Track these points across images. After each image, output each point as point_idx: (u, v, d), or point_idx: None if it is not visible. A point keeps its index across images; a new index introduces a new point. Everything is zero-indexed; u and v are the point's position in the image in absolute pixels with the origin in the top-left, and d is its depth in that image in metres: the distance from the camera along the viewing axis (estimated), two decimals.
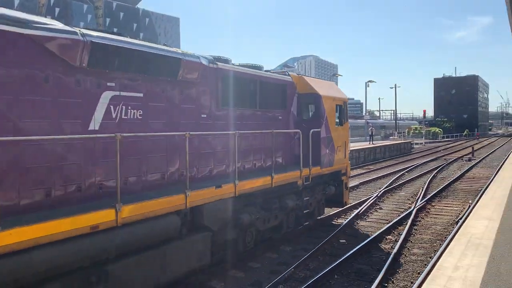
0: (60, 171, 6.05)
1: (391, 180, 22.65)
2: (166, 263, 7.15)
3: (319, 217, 13.52)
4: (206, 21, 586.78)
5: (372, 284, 8.66)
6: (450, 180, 22.58)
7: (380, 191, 19.42)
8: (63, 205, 5.95)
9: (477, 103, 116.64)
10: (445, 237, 12.32)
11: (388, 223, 14.08)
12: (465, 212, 14.46)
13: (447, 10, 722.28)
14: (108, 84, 6.82)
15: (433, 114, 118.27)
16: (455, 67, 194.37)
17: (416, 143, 57.14)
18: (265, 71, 11.35)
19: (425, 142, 63.40)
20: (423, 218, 14.94)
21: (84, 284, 5.84)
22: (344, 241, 12.24)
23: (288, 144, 11.74)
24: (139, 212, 6.43)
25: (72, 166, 6.22)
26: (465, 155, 39.64)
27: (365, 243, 11.61)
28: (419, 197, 18.04)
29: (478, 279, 5.73)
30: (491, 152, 44.97)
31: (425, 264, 10.05)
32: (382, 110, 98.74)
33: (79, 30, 6.34)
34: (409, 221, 13.94)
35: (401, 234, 12.51)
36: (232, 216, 8.91)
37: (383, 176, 24.25)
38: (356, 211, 15.59)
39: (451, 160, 34.91)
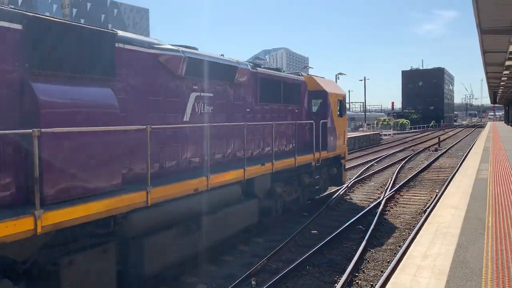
0: (167, 150, 8.33)
1: (360, 171, 22.92)
2: (234, 218, 9.75)
3: (323, 194, 15.87)
4: (176, 12, 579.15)
5: (343, 274, 8.75)
6: (418, 170, 23.02)
7: (350, 182, 19.62)
8: (171, 175, 8.23)
9: (443, 95, 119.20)
10: (414, 226, 12.55)
11: (358, 213, 14.26)
12: (432, 202, 14.79)
13: (416, 4, 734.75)
14: (194, 87, 9.14)
15: (401, 106, 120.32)
16: (422, 60, 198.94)
17: (385, 134, 57.98)
18: (272, 69, 13.61)
19: (394, 133, 64.45)
20: (392, 208, 15.18)
21: (188, 230, 8.24)
22: (316, 232, 12.31)
23: (301, 132, 13.88)
24: (218, 181, 8.85)
25: (175, 146, 8.55)
26: (432, 145, 40.48)
27: (336, 234, 11.75)
28: (388, 187, 18.31)
29: (446, 267, 5.82)
30: (456, 143, 46.07)
31: (395, 253, 10.22)
32: (352, 102, 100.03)
33: (179, 48, 8.64)
34: (379, 211, 14.14)
35: (371, 224, 12.69)
36: (270, 188, 11.60)
37: (353, 167, 24.49)
38: (327, 202, 15.77)
39: (418, 150, 35.55)
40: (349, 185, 18.80)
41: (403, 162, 26.92)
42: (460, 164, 22.72)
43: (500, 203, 9.98)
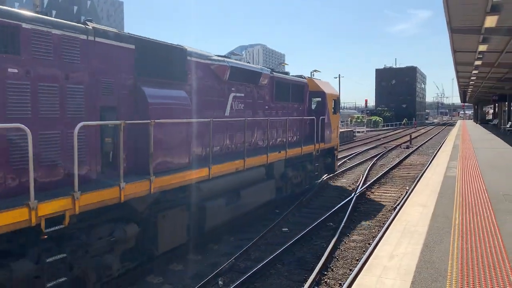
0: (216, 137, 10.40)
1: None
2: (259, 193, 12.25)
3: (319, 180, 18.18)
4: (152, 6, 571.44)
5: (311, 273, 8.63)
6: (389, 167, 23.17)
7: (323, 179, 19.62)
8: (216, 157, 10.20)
9: (415, 93, 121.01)
10: (383, 223, 12.55)
11: (330, 210, 14.21)
12: (402, 199, 14.85)
13: (392, 3, 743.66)
14: (232, 89, 11.52)
15: (374, 104, 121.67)
16: (395, 59, 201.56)
17: (358, 132, 58.47)
18: (282, 72, 16.01)
19: (367, 131, 65.05)
20: (363, 205, 15.18)
21: (231, 199, 10.63)
22: (287, 229, 12.18)
23: (304, 126, 16.22)
24: (251, 163, 11.27)
25: (220, 135, 10.90)
26: (403, 143, 40.94)
27: (306, 231, 11.64)
28: (359, 184, 18.35)
29: (412, 267, 5.73)
30: (427, 140, 46.74)
31: (364, 251, 10.17)
32: None
33: (224, 59, 11.01)
34: (350, 208, 14.11)
35: (342, 221, 12.65)
36: (283, 171, 14.05)
37: None
38: (299, 199, 15.69)
39: (390, 148, 35.88)
40: (321, 182, 18.79)
41: (375, 159, 27.08)
42: (430, 162, 22.98)
43: (467, 201, 10.02)
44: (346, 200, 15.38)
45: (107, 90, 7.56)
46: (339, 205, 14.65)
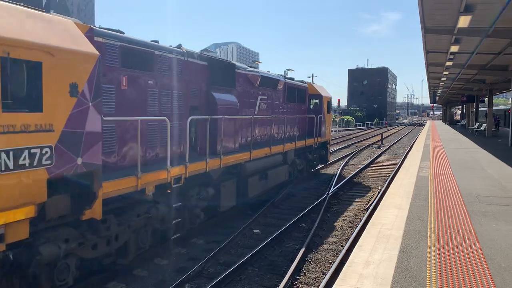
0: (245, 131, 13.14)
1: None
2: (278, 174, 15.04)
3: (316, 168, 21.34)
4: (124, 1, 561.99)
5: (283, 278, 8.22)
6: (361, 167, 23.04)
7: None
8: (248, 145, 12.81)
9: (386, 94, 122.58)
10: (356, 224, 12.28)
11: (302, 210, 13.87)
12: (374, 199, 14.64)
13: (365, 5, 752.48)
14: (259, 93, 14.28)
15: (347, 104, 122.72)
16: (368, 59, 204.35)
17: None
18: (287, 77, 18.01)
19: (339, 130, 65.35)
20: (335, 205, 14.90)
21: (262, 177, 13.48)
22: (258, 231, 11.75)
23: (306, 123, 19.08)
24: (274, 151, 14.17)
25: (248, 129, 13.22)
26: (375, 142, 41.12)
27: (278, 233, 11.25)
28: (332, 184, 18.10)
29: (389, 275, 5.36)
30: (398, 140, 47.15)
31: (337, 254, 9.83)
32: None
33: (257, 70, 14.53)
34: (322, 209, 13.79)
35: (315, 222, 12.32)
36: (293, 159, 16.89)
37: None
38: (271, 200, 15.31)
39: (362, 147, 35.93)
40: (294, 182, 18.48)
41: (347, 158, 26.96)
42: (402, 162, 22.97)
43: (441, 202, 9.79)
44: (319, 200, 15.09)
45: (194, 94, 10.58)
46: (311, 206, 14.34)
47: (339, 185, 17.94)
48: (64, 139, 5.99)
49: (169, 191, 8.97)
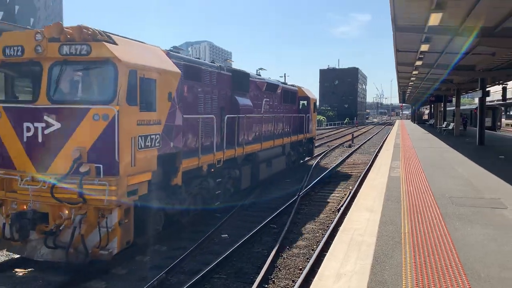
0: (256, 127, 15.84)
1: None
2: (279, 163, 17.90)
3: (304, 160, 24.35)
4: None
5: (251, 286, 7.67)
6: (333, 166, 22.74)
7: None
8: (257, 139, 15.71)
9: (356, 93, 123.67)
10: (328, 226, 11.84)
11: (273, 212, 13.38)
12: (346, 200, 14.25)
13: (334, 6, 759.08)
14: (264, 96, 16.85)
15: (318, 103, 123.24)
16: (338, 60, 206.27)
17: None
18: (282, 82, 20.50)
19: None
20: (306, 206, 14.46)
21: (268, 164, 16.37)
22: (226, 235, 11.16)
23: (297, 121, 21.63)
24: (276, 143, 17.40)
25: (258, 125, 15.98)
26: (346, 141, 41.08)
27: (247, 237, 10.69)
28: (303, 184, 17.67)
29: None
30: (369, 139, 47.33)
31: (307, 258, 9.36)
32: None
33: (262, 78, 17.05)
34: (293, 210, 13.32)
35: (285, 225, 11.84)
36: (289, 151, 19.88)
37: None
38: (240, 202, 14.76)
39: (333, 146, 35.79)
40: (265, 183, 17.99)
41: (319, 158, 26.64)
42: (373, 161, 22.77)
43: (414, 204, 9.40)
44: (290, 201, 14.63)
45: (223, 98, 13.12)
46: (282, 207, 13.86)
47: (311, 185, 17.54)
48: (165, 130, 9.02)
49: (212, 170, 12.11)
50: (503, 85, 31.62)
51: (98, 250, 7.66)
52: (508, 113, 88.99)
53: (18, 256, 8.68)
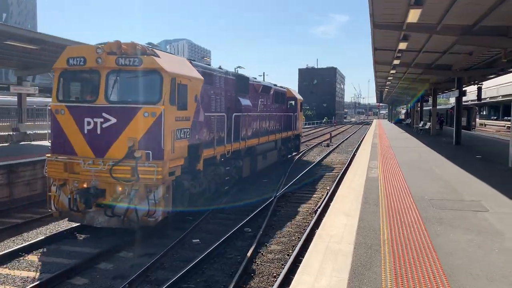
0: (253, 124, 17.38)
1: None
2: (272, 156, 19.84)
3: (291, 155, 26.19)
4: None
5: None
6: (311, 166, 22.33)
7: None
8: (254, 135, 17.50)
9: (335, 93, 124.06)
10: (304, 229, 11.37)
11: (248, 215, 12.83)
12: (322, 202, 13.78)
13: (314, 6, 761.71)
14: (259, 97, 18.45)
15: None
16: (317, 59, 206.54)
17: None
18: (274, 84, 22.11)
19: None
20: (283, 208, 13.96)
21: (263, 157, 18.45)
22: (198, 240, 10.55)
23: (286, 119, 23.39)
24: (271, 138, 19.59)
25: (256, 122, 17.57)
26: (324, 141, 40.84)
27: (220, 242, 10.11)
28: (280, 185, 17.18)
29: None
30: (347, 138, 47.21)
31: (282, 265, 8.84)
32: None
33: (258, 81, 19.21)
34: (269, 212, 12.79)
35: (260, 228, 11.31)
36: (280, 145, 21.76)
37: None
38: (214, 204, 14.15)
39: (311, 146, 35.49)
40: (239, 184, 17.43)
41: (297, 157, 26.22)
42: (350, 161, 22.44)
43: (393, 207, 8.94)
44: (266, 203, 14.10)
45: (228, 99, 14.65)
46: (258, 209, 13.32)
47: (288, 185, 17.06)
48: (192, 125, 11.09)
49: (222, 159, 14.19)
50: (478, 85, 31.71)
51: (147, 218, 9.68)
52: (481, 113, 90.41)
53: (78, 224, 10.83)
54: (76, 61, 10.08)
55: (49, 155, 10.39)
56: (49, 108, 10.59)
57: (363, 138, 39.41)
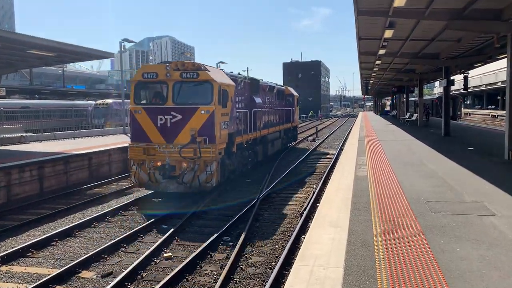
0: (263, 118, 20.52)
1: None
2: (277, 144, 23.60)
3: (290, 144, 29.44)
4: None
5: None
6: (296, 163, 21.19)
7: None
8: (268, 126, 21.46)
9: (320, 86, 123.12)
10: (289, 236, 10.23)
11: (229, 220, 11.66)
12: (308, 203, 12.63)
13: (295, 0, 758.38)
14: (266, 95, 21.48)
15: None
16: (301, 53, 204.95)
17: None
18: (276, 84, 24.99)
19: None
20: (266, 211, 12.80)
21: (271, 144, 22.03)
22: (170, 254, 9.35)
23: (287, 113, 26.54)
24: (277, 129, 23.28)
25: (265, 116, 20.97)
26: (310, 135, 39.78)
27: (194, 256, 8.91)
28: (264, 185, 16.01)
29: None
30: (333, 132, 46.21)
31: (264, 281, 7.68)
32: None
33: (265, 82, 22.21)
34: (251, 218, 11.61)
35: (240, 236, 10.13)
36: (283, 135, 25.31)
37: None
38: (193, 208, 12.94)
39: (297, 140, 34.49)
40: (222, 184, 16.22)
41: (283, 153, 25.06)
42: (337, 157, 21.38)
43: (386, 213, 7.76)
44: (249, 206, 12.94)
45: (246, 98, 17.56)
46: (239, 213, 12.15)
47: (272, 185, 15.90)
48: (230, 119, 14.42)
49: (246, 145, 17.19)
50: (465, 74, 30.80)
51: (206, 184, 13.39)
52: (465, 102, 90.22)
53: (152, 191, 14.83)
54: (149, 75, 13.70)
55: (130, 143, 14.07)
56: (129, 109, 14.56)
57: (349, 132, 38.43)
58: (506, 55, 23.31)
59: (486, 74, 75.24)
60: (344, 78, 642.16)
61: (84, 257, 8.85)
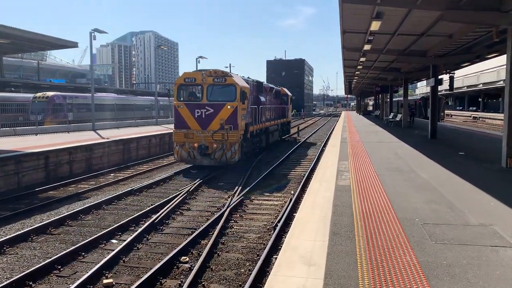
0: (266, 113, 24.53)
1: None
2: (276, 135, 28.57)
3: (284, 137, 33.55)
4: None
5: None
6: (274, 165, 19.49)
7: (194, 184, 15.29)
8: (269, 120, 25.68)
9: (303, 85, 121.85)
10: (258, 255, 8.53)
11: (189, 235, 9.93)
12: (284, 212, 10.91)
13: None
14: (267, 94, 25.53)
15: None
16: (285, 51, 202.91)
17: None
18: (274, 85, 29.68)
19: None
20: (237, 222, 11.12)
21: (272, 135, 26.73)
22: (111, 281, 7.53)
23: (282, 110, 30.75)
24: (276, 122, 28.04)
25: (267, 112, 24.95)
26: (292, 135, 38.22)
27: (142, 281, 7.16)
28: (236, 190, 14.27)
29: None
30: (315, 131, 44.69)
31: None
32: None
33: (267, 84, 26.83)
34: (216, 232, 9.86)
35: (201, 255, 8.41)
36: (280, 128, 30.34)
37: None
38: (152, 217, 11.15)
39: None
40: (191, 189, 14.44)
41: (261, 155, 23.34)
42: (317, 160, 19.77)
43: (374, 242, 6.03)
44: (216, 216, 11.23)
45: (253, 98, 21.40)
46: (204, 226, 10.45)
47: (245, 191, 14.20)
48: (246, 112, 19.00)
49: (255, 134, 20.99)
50: (450, 74, 29.51)
51: (231, 159, 17.88)
52: (447, 103, 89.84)
53: (191, 165, 19.37)
54: (190, 79, 18.35)
55: (174, 129, 18.61)
56: (173, 104, 19.00)
57: (331, 132, 36.95)
58: (494, 54, 22.11)
59: (467, 76, 74.83)
60: (328, 77, 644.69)
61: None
